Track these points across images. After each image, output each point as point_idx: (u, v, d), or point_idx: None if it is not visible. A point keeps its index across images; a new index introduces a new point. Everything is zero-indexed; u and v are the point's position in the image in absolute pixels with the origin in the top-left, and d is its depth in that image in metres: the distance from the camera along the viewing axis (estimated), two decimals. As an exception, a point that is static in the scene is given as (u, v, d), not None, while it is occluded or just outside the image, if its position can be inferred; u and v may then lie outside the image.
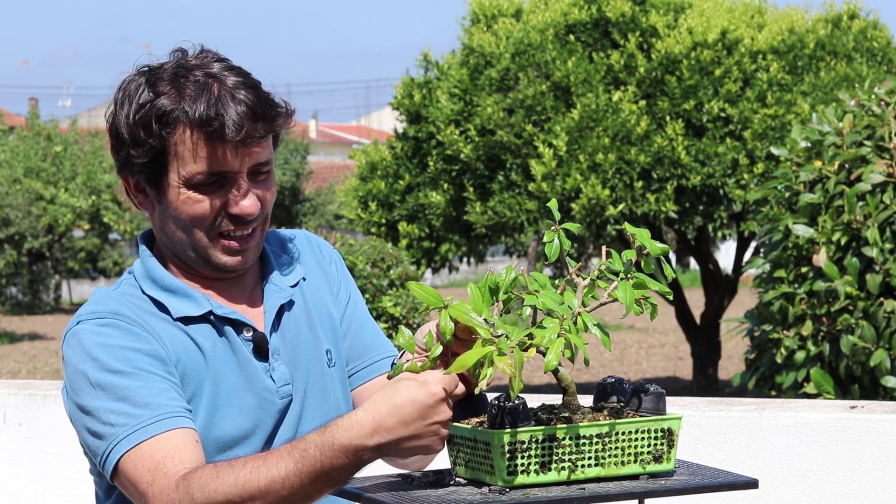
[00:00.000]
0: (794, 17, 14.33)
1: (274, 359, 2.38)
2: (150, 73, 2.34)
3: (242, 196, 2.31)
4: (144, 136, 2.29)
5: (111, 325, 2.30)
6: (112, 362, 2.26)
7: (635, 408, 2.06)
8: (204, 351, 2.34)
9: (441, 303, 1.99)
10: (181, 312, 2.34)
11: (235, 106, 2.27)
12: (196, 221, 2.32)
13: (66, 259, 38.88)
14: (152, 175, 2.32)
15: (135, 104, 2.30)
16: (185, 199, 2.30)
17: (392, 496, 1.99)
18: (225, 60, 2.36)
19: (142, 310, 2.34)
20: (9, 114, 46.81)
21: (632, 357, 20.73)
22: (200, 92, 2.28)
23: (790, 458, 3.60)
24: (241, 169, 2.30)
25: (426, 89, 14.35)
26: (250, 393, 2.35)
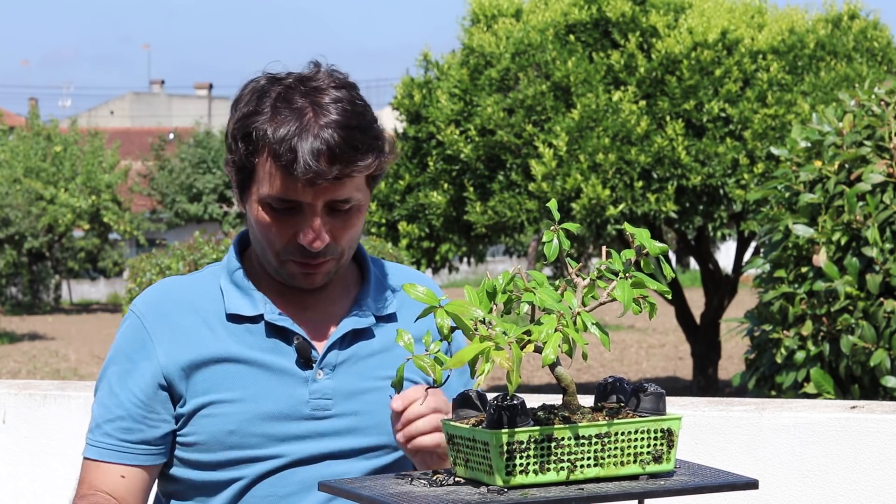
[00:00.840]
0: (794, 17, 14.34)
1: (322, 371, 2.40)
2: (265, 84, 2.36)
3: (310, 229, 2.33)
4: (235, 147, 2.35)
5: (132, 326, 2.45)
6: (111, 365, 2.46)
7: (635, 408, 2.05)
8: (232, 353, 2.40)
9: (436, 302, 1.99)
10: (235, 309, 2.41)
11: (314, 142, 2.27)
12: (268, 239, 2.37)
13: (65, 259, 38.90)
14: (240, 182, 2.38)
15: (239, 112, 2.35)
16: (261, 216, 2.35)
17: (391, 496, 1.98)
18: (346, 88, 2.36)
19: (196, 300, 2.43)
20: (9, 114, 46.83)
21: (632, 357, 20.73)
22: (291, 120, 2.30)
23: (790, 458, 3.60)
24: (313, 202, 2.32)
25: (426, 89, 14.36)
26: (273, 397, 2.38)
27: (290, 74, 2.38)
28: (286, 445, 2.38)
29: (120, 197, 36.78)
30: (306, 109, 2.31)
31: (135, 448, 2.41)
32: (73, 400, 4.39)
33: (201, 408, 2.38)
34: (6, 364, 21.15)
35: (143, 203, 41.00)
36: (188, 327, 2.41)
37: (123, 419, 2.40)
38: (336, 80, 2.37)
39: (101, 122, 57.06)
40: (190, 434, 2.40)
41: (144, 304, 2.45)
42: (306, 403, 2.38)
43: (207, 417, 2.38)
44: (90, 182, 35.54)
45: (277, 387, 2.38)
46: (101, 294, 42.77)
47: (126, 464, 2.41)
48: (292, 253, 2.36)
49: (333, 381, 2.40)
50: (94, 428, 2.44)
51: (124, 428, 2.40)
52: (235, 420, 2.37)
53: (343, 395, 2.40)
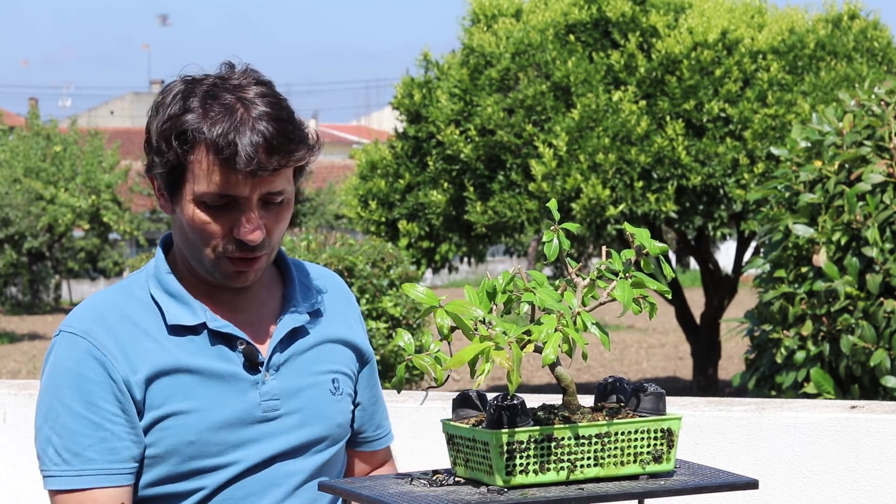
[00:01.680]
0: (794, 17, 14.34)
1: (269, 373, 2.42)
2: (188, 85, 2.36)
3: (249, 222, 2.34)
4: (166, 149, 2.33)
5: (78, 347, 2.37)
6: (66, 391, 2.35)
7: (635, 408, 2.05)
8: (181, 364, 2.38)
9: (436, 302, 1.99)
10: (176, 320, 2.39)
11: (252, 135, 2.29)
12: (203, 238, 2.36)
13: (65, 259, 38.89)
14: (170, 184, 2.36)
15: (165, 114, 2.34)
16: (195, 215, 2.34)
17: (391, 495, 1.98)
18: (265, 84, 2.38)
19: (133, 313, 2.40)
20: (9, 114, 46.83)
21: (632, 357, 20.73)
22: (223, 116, 2.31)
23: (790, 458, 3.59)
24: (250, 196, 2.33)
25: (426, 89, 14.35)
26: (226, 404, 2.38)
27: (207, 76, 2.38)
28: (242, 450, 2.39)
29: (120, 197, 36.76)
30: (236, 105, 2.32)
31: (124, 468, 2.35)
32: (73, 400, 4.39)
33: (158, 421, 2.36)
34: (6, 364, 21.15)
35: (143, 203, 40.98)
36: (134, 342, 2.38)
37: (107, 440, 2.34)
38: (252, 77, 2.39)
39: (101, 122, 57.08)
40: (149, 447, 2.37)
41: (84, 323, 2.39)
42: (258, 406, 2.40)
43: (165, 430, 2.36)
44: (90, 182, 35.52)
45: (229, 393, 2.39)
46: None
47: (119, 486, 2.34)
48: (229, 250, 2.36)
49: (279, 381, 2.42)
50: (71, 458, 2.33)
51: (110, 449, 2.34)
52: (194, 430, 2.36)
53: (288, 394, 2.43)
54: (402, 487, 2.04)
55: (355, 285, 10.08)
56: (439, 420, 2.10)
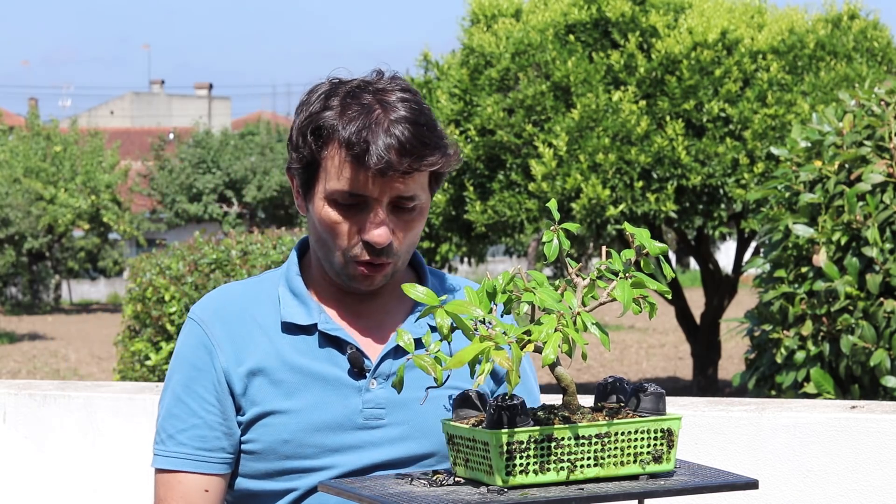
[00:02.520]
0: (794, 17, 14.34)
1: (376, 381, 2.40)
2: (332, 86, 2.40)
3: (376, 224, 2.34)
4: (302, 144, 2.36)
5: (193, 333, 2.45)
6: (175, 374, 2.46)
7: (635, 408, 2.05)
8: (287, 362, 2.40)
9: (436, 302, 1.98)
10: (290, 317, 2.42)
11: (386, 137, 2.31)
12: (332, 237, 2.37)
13: (65, 259, 38.90)
14: (304, 181, 2.39)
15: (307, 112, 2.38)
16: (326, 213, 2.36)
17: (391, 496, 1.98)
18: (409, 91, 2.40)
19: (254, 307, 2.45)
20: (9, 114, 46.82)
21: (632, 357, 20.73)
22: (360, 114, 2.33)
23: (790, 458, 3.59)
24: (380, 197, 2.34)
25: (426, 89, 14.36)
26: (327, 407, 2.38)
27: (353, 79, 2.42)
28: (339, 456, 2.38)
29: (120, 197, 36.78)
30: (374, 106, 2.34)
31: (212, 457, 2.40)
32: (73, 400, 4.39)
33: (259, 417, 2.39)
34: (6, 364, 21.15)
35: (143, 203, 41.00)
36: (246, 335, 2.42)
37: (198, 427, 2.40)
38: (398, 84, 2.41)
39: (101, 122, 57.07)
40: (248, 442, 2.40)
41: (203, 311, 2.46)
42: (359, 413, 2.38)
43: (264, 427, 2.38)
44: (90, 182, 35.53)
45: (331, 397, 2.38)
46: (101, 294, 42.77)
47: (206, 473, 2.40)
48: (356, 252, 2.37)
49: (386, 390, 2.40)
50: (166, 439, 2.42)
51: (199, 436, 2.40)
52: (290, 430, 2.37)
53: (396, 405, 2.40)
54: (402, 487, 2.04)
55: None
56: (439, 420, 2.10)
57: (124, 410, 4.35)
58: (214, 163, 39.43)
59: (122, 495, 4.35)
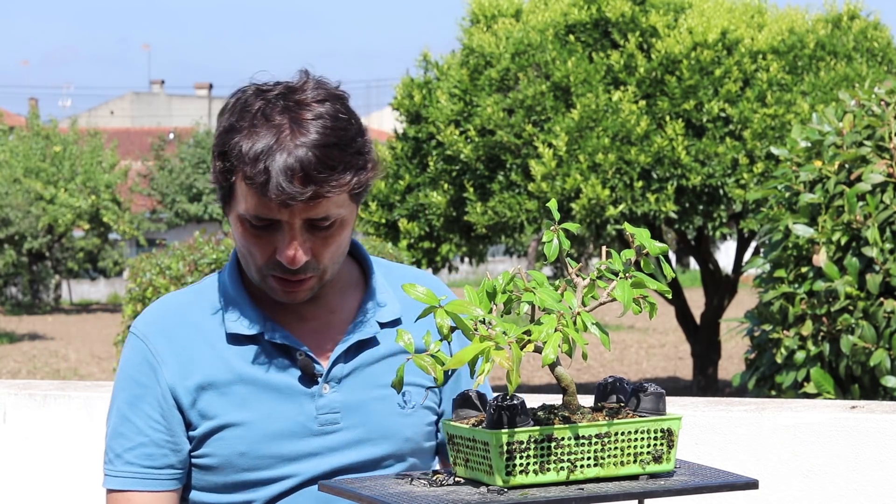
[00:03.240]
0: (794, 17, 14.34)
1: (328, 385, 2.36)
2: (250, 97, 2.30)
3: (288, 247, 2.27)
4: (216, 161, 2.31)
5: (136, 349, 2.41)
6: (120, 392, 2.43)
7: (635, 408, 2.05)
8: (236, 373, 2.36)
9: (436, 301, 1.98)
10: (234, 329, 2.37)
11: (289, 160, 2.21)
12: (250, 254, 2.32)
13: (65, 259, 38.89)
14: (223, 196, 2.34)
15: (221, 126, 2.31)
16: (240, 230, 2.31)
17: (391, 496, 1.98)
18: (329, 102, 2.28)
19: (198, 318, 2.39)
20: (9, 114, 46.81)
21: (632, 357, 20.73)
22: (266, 137, 2.23)
23: (790, 458, 3.59)
24: (290, 220, 2.26)
25: (426, 89, 14.36)
26: (281, 416, 2.35)
27: (277, 85, 2.31)
28: (297, 464, 2.35)
29: (120, 197, 36.77)
30: (283, 126, 2.24)
31: (161, 473, 2.37)
32: (73, 400, 4.39)
33: (212, 431, 2.35)
34: (6, 364, 21.15)
35: (143, 203, 40.99)
36: (192, 348, 2.37)
37: (145, 445, 2.37)
38: (322, 94, 2.30)
39: (101, 122, 57.06)
40: (203, 457, 2.37)
41: (146, 326, 2.41)
42: (314, 419, 2.35)
43: (219, 441, 2.35)
44: (90, 182, 35.52)
45: (285, 405, 2.35)
46: (101, 294, 42.76)
47: (155, 490, 2.37)
48: (273, 268, 2.31)
49: (340, 393, 2.37)
50: (114, 458, 2.39)
51: (147, 454, 2.37)
52: (246, 442, 2.34)
53: (351, 408, 2.37)
54: (402, 487, 2.03)
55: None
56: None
57: (124, 410, 4.34)
58: (214, 163, 39.39)
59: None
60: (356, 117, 2.33)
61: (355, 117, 2.33)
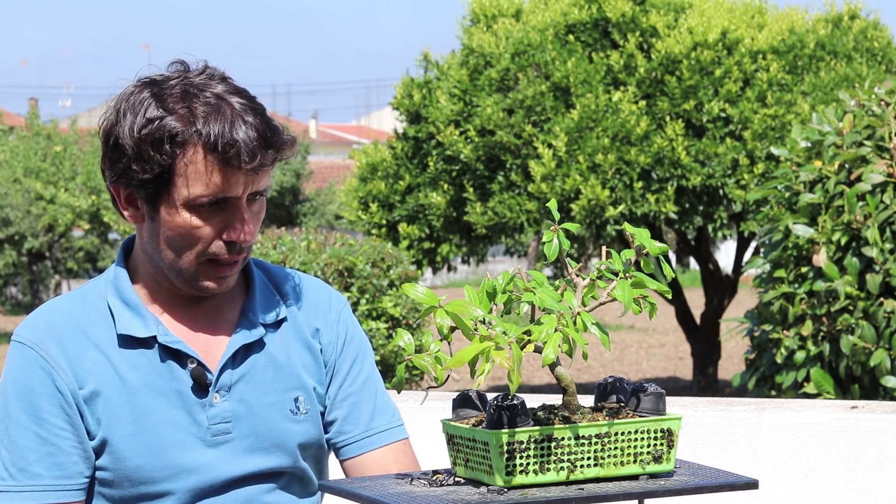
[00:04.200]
0: (794, 17, 14.33)
1: (219, 395, 2.31)
2: (156, 87, 2.26)
3: (243, 223, 2.26)
4: (152, 153, 2.21)
5: (26, 357, 2.28)
6: (13, 403, 2.27)
7: (635, 408, 2.05)
8: (128, 381, 2.29)
9: (436, 302, 1.98)
10: (126, 330, 2.30)
11: (247, 131, 2.22)
12: (190, 243, 2.26)
13: (65, 259, 38.90)
14: (152, 192, 2.25)
15: (141, 118, 2.23)
16: (184, 220, 2.24)
17: (391, 495, 1.98)
18: (228, 79, 2.29)
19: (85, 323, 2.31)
20: (9, 114, 46.81)
21: (632, 357, 20.73)
22: (213, 115, 2.22)
23: (790, 458, 3.59)
24: (242, 195, 2.26)
25: (426, 89, 14.35)
26: (174, 427, 2.29)
27: (169, 76, 2.28)
28: (193, 476, 2.29)
29: (115, 200, 36.74)
30: (220, 104, 2.24)
31: (72, 484, 2.27)
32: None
33: (105, 443, 2.28)
34: (6, 364, 21.14)
35: (143, 203, 41.00)
36: (82, 354, 2.28)
37: (53, 455, 2.25)
38: (215, 73, 2.30)
39: (101, 122, 57.01)
40: (100, 469, 2.29)
41: (33, 332, 2.30)
42: (207, 429, 2.29)
43: (112, 454, 2.28)
44: (90, 182, 35.50)
45: (177, 414, 2.29)
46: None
47: (67, 501, 2.27)
48: (215, 253, 2.27)
49: (231, 402, 2.31)
50: (17, 473, 2.25)
51: (56, 464, 2.26)
52: (140, 454, 2.27)
53: (241, 416, 2.31)
54: (402, 487, 2.03)
55: (355, 285, 10.07)
56: (439, 420, 2.10)
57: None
58: (214, 163, 39.41)
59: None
60: None
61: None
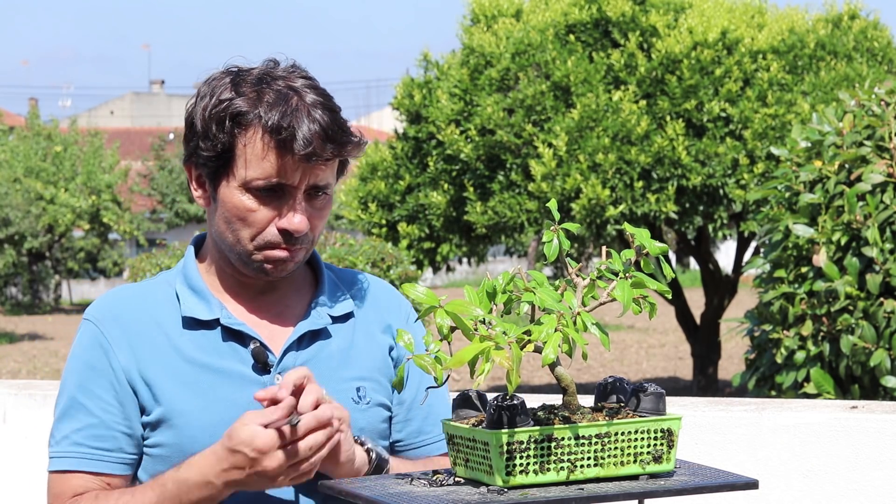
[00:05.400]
0: (794, 17, 14.34)
1: (280, 376, 2.35)
2: (236, 74, 2.37)
3: (294, 212, 2.33)
4: (216, 131, 2.32)
5: (88, 334, 2.41)
6: (71, 375, 2.41)
7: (635, 408, 2.05)
8: (189, 360, 2.36)
9: (436, 302, 1.98)
10: (190, 312, 2.38)
11: (309, 123, 2.30)
12: (246, 225, 2.34)
13: (65, 259, 38.89)
14: (214, 171, 2.35)
15: (214, 99, 2.34)
16: (240, 200, 2.33)
17: (391, 496, 1.98)
18: (311, 79, 2.38)
19: (152, 306, 2.40)
20: (9, 114, 46.81)
21: (632, 357, 20.73)
22: (279, 101, 2.31)
23: (790, 458, 3.59)
24: (299, 185, 2.32)
25: (426, 89, 14.35)
26: (233, 405, 2.32)
27: (252, 67, 2.39)
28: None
29: (120, 197, 36.77)
30: (289, 93, 2.33)
31: (111, 456, 2.34)
32: (73, 400, 4.39)
33: (164, 418, 2.33)
34: (6, 364, 21.14)
35: (143, 203, 40.99)
36: (145, 335, 2.37)
37: (94, 427, 2.34)
38: (299, 71, 2.39)
39: (101, 122, 57.06)
40: (155, 446, 2.35)
41: (99, 312, 2.41)
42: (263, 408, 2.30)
43: (170, 428, 2.33)
44: (90, 182, 35.51)
45: (237, 393, 2.34)
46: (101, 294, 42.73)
47: (104, 473, 2.34)
48: (270, 240, 2.34)
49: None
50: (61, 440, 2.36)
51: (96, 435, 2.34)
52: (197, 428, 2.32)
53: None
54: (402, 487, 2.04)
55: (355, 285, 10.06)
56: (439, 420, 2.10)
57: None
58: (215, 163, 39.37)
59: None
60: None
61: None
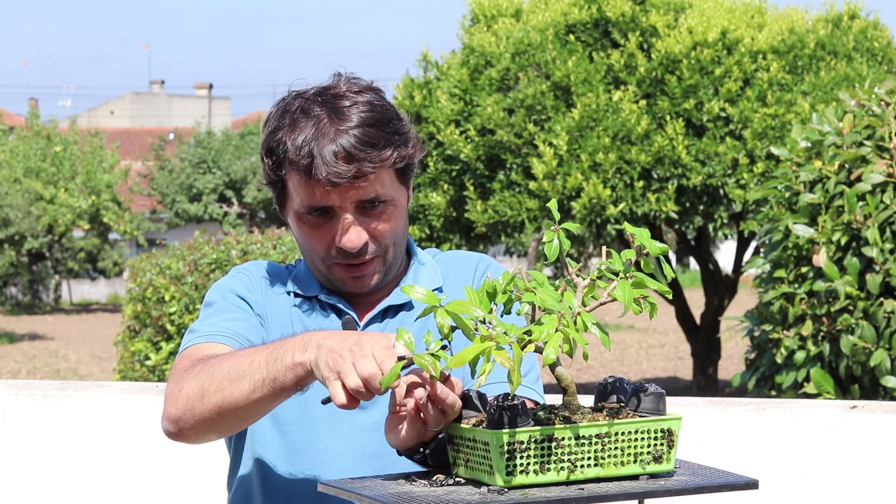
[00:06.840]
0: (794, 17, 14.33)
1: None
2: (289, 101, 2.43)
3: (344, 231, 2.39)
4: (269, 162, 2.42)
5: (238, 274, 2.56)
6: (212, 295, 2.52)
7: (635, 408, 2.05)
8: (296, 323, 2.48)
9: (436, 302, 1.98)
10: (295, 289, 2.52)
11: (331, 146, 2.34)
12: (311, 248, 2.45)
13: (65, 259, 38.89)
14: (278, 197, 2.47)
15: (267, 129, 2.43)
16: (298, 228, 2.44)
17: (391, 496, 1.98)
18: (366, 92, 2.42)
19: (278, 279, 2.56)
20: (9, 114, 46.82)
21: (632, 357, 20.73)
22: (306, 127, 2.36)
23: (790, 458, 3.60)
24: (342, 204, 2.38)
25: (426, 89, 14.35)
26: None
27: (311, 88, 2.45)
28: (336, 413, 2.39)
29: (120, 197, 36.78)
30: (322, 116, 2.37)
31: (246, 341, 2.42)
32: (73, 400, 4.39)
33: None
34: (6, 364, 21.14)
35: (143, 203, 41.00)
36: (269, 293, 2.52)
37: (232, 320, 2.43)
38: (356, 86, 2.43)
39: (101, 122, 57.06)
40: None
41: (247, 266, 2.57)
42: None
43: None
44: (90, 182, 35.52)
45: None
46: (101, 294, 42.76)
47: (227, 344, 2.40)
48: (335, 257, 2.43)
49: None
50: (197, 328, 2.43)
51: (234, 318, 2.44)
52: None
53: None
54: (402, 487, 2.04)
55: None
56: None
57: (124, 410, 4.35)
58: (215, 163, 39.42)
59: (122, 494, 4.35)
60: (391, 104, 2.46)
61: (391, 104, 2.46)
